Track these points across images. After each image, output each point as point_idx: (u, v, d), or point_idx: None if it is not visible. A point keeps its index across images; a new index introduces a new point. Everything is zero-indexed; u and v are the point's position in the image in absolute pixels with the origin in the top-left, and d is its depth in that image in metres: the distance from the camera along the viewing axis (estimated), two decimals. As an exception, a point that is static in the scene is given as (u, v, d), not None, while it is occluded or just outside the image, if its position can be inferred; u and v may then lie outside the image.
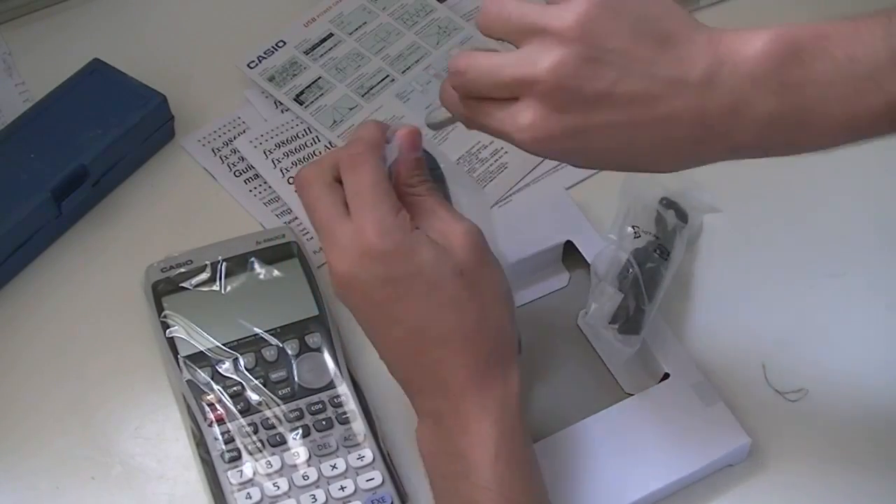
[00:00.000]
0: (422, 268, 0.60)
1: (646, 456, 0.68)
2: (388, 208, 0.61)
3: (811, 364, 0.74)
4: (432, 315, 0.61)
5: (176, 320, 0.72)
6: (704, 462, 0.68)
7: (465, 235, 0.62)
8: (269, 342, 0.71)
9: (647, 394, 0.71)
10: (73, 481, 0.70)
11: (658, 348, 0.72)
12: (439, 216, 0.63)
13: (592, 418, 0.69)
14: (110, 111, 0.81)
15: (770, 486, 0.70)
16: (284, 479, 0.67)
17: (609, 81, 0.57)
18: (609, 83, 0.57)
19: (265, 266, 0.74)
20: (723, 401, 0.70)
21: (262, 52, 0.89)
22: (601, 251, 0.74)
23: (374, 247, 0.60)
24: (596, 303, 0.72)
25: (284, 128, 0.86)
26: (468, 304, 0.61)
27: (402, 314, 0.61)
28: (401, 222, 0.61)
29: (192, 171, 0.84)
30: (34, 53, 0.90)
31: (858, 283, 0.78)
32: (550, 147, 0.59)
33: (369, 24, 0.91)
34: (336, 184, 0.63)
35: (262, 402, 0.69)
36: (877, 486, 0.70)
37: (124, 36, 0.91)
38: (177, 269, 0.74)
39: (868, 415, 0.73)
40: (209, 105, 0.87)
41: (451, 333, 0.61)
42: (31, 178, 0.77)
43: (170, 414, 0.72)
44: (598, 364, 0.74)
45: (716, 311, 0.77)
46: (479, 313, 0.61)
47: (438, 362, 0.61)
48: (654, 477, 0.67)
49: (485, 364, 0.61)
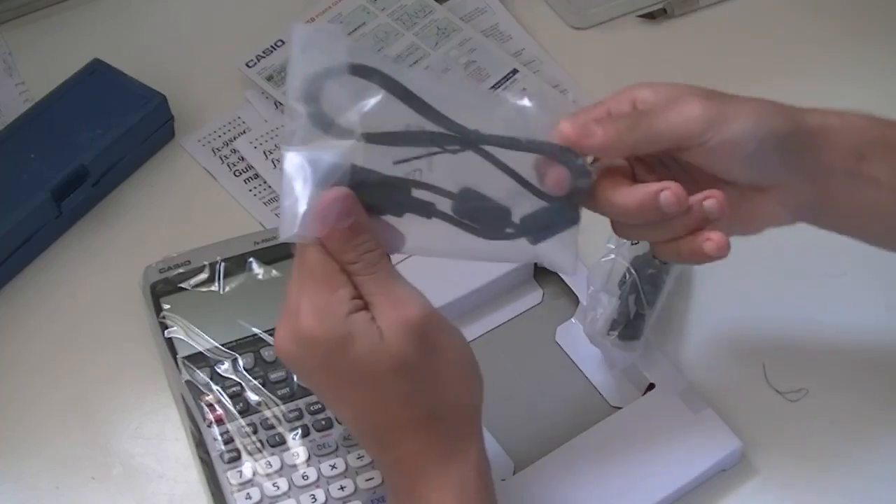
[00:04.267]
0: (357, 361, 0.55)
1: (638, 471, 0.68)
2: (325, 289, 0.55)
3: (811, 364, 0.74)
4: (377, 406, 0.57)
5: (175, 321, 0.72)
6: (697, 471, 0.68)
7: (405, 325, 0.55)
8: (267, 342, 0.71)
9: (633, 406, 0.71)
10: (73, 481, 0.70)
11: (641, 359, 0.72)
12: (383, 297, 0.56)
13: (580, 437, 0.69)
14: (110, 111, 0.81)
15: (770, 487, 0.70)
16: (284, 479, 0.67)
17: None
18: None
19: (264, 266, 0.74)
20: (710, 407, 0.70)
21: (261, 51, 0.89)
22: (597, 261, 0.74)
23: (307, 331, 0.55)
24: (593, 312, 0.72)
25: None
26: (414, 397, 0.57)
27: (347, 399, 0.58)
28: (335, 305, 0.55)
29: (191, 171, 0.84)
30: (34, 53, 0.90)
31: (858, 283, 0.78)
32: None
33: (368, 24, 0.91)
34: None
35: (262, 402, 0.69)
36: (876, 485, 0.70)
37: (124, 36, 0.91)
38: (175, 270, 0.74)
39: (868, 415, 0.73)
40: (209, 105, 0.87)
41: (399, 423, 0.57)
42: (31, 178, 0.78)
43: (170, 414, 0.72)
44: (581, 379, 0.73)
45: (716, 311, 0.77)
46: (429, 401, 0.57)
47: (387, 446, 0.58)
48: (649, 492, 0.67)
49: (441, 445, 0.58)
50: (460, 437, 0.58)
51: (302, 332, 0.56)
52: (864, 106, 0.88)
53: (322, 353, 0.56)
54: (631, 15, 0.94)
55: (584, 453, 0.68)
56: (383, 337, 0.55)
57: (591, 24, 0.94)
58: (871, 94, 0.89)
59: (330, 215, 0.55)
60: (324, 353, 0.56)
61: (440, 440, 0.58)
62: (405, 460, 0.58)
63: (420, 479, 0.58)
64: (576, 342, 0.74)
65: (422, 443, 0.57)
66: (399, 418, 0.57)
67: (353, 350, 0.55)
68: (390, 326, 0.55)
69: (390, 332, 0.55)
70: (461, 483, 0.57)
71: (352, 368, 0.56)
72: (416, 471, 0.58)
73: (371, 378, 0.56)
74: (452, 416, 0.58)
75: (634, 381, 0.72)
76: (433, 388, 0.57)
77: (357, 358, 0.55)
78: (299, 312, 0.56)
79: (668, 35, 0.93)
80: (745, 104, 0.61)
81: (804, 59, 0.92)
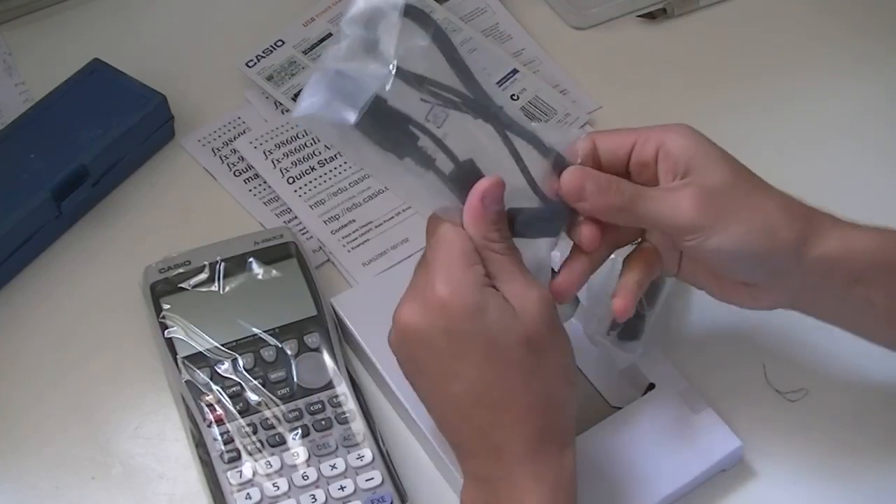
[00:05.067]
0: (488, 328, 0.58)
1: (639, 471, 0.68)
2: (461, 263, 0.58)
3: (811, 364, 0.74)
4: (496, 377, 0.58)
5: (174, 321, 0.72)
6: (697, 471, 0.68)
7: (539, 303, 0.59)
8: (267, 342, 0.71)
9: (634, 406, 0.70)
10: (73, 481, 0.70)
11: (641, 359, 0.72)
12: (515, 278, 0.60)
13: (580, 438, 0.68)
14: (110, 111, 0.81)
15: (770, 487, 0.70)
16: (284, 479, 0.67)
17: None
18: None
19: (263, 266, 0.74)
20: (710, 407, 0.70)
21: (261, 51, 0.89)
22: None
23: (440, 299, 0.58)
24: (593, 312, 0.72)
25: (284, 128, 0.86)
26: (534, 372, 0.59)
27: (463, 370, 0.58)
28: (472, 277, 0.58)
29: (191, 171, 0.84)
30: (34, 53, 0.90)
31: (858, 283, 0.78)
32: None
33: (369, 23, 0.91)
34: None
35: (262, 402, 0.69)
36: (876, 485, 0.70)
37: (124, 36, 0.91)
38: (175, 270, 0.74)
39: (868, 414, 0.73)
40: (209, 105, 0.87)
41: (512, 400, 0.58)
42: (31, 178, 0.78)
43: (170, 414, 0.72)
44: (581, 380, 0.73)
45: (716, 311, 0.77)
46: (544, 384, 0.59)
47: (495, 427, 0.59)
48: (649, 492, 0.67)
49: (542, 437, 0.59)
50: (558, 438, 0.60)
51: (434, 300, 0.58)
52: (865, 103, 0.88)
53: (451, 319, 0.58)
54: (631, 15, 0.94)
55: (584, 454, 0.68)
56: (518, 309, 0.58)
57: (591, 24, 0.94)
58: (872, 92, 0.89)
59: (495, 196, 0.59)
60: (453, 318, 0.58)
61: (543, 431, 0.59)
62: (505, 448, 0.59)
63: (517, 468, 0.58)
64: (576, 342, 0.73)
65: (527, 428, 0.58)
66: (513, 396, 0.58)
67: (486, 319, 0.58)
68: (524, 303, 0.58)
69: (523, 308, 0.58)
70: (556, 479, 0.59)
71: (479, 335, 0.58)
72: (515, 459, 0.58)
73: (498, 346, 0.58)
74: (555, 409, 0.60)
75: (634, 381, 0.72)
76: (548, 371, 0.59)
77: (489, 324, 0.58)
78: (433, 284, 0.58)
79: (668, 35, 0.93)
80: (748, 211, 0.61)
81: (805, 58, 0.92)
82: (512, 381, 0.58)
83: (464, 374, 0.58)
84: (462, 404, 0.59)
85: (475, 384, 0.58)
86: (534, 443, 0.59)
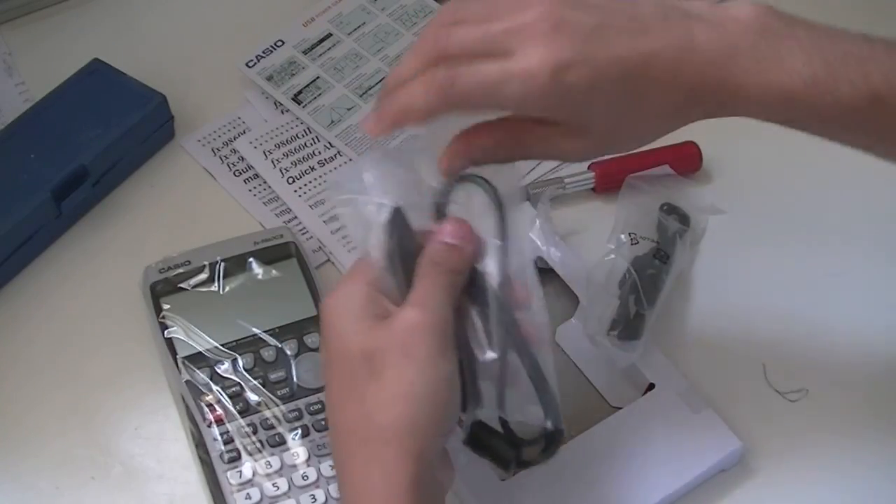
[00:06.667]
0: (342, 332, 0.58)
1: (638, 471, 0.68)
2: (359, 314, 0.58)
3: (811, 364, 0.74)
4: (333, 376, 0.59)
5: (174, 321, 0.72)
6: (697, 471, 0.68)
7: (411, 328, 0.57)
8: (267, 342, 0.71)
9: (634, 406, 0.70)
10: (73, 481, 0.70)
11: (641, 359, 0.72)
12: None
13: (580, 437, 0.69)
14: (110, 111, 0.81)
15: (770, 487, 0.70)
16: (284, 479, 0.67)
17: (598, 18, 0.57)
18: (598, 19, 0.57)
19: (263, 266, 0.74)
20: (710, 407, 0.70)
21: (261, 51, 0.89)
22: (597, 261, 0.74)
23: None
24: (592, 312, 0.72)
25: (284, 128, 0.86)
26: (364, 386, 0.56)
27: (327, 376, 0.59)
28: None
29: (191, 171, 0.84)
30: (34, 53, 0.90)
31: (858, 283, 0.78)
32: (565, 80, 0.55)
33: (368, 24, 0.91)
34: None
35: (261, 402, 0.69)
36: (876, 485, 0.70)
37: (124, 36, 0.91)
38: (175, 270, 0.74)
39: (868, 414, 0.73)
40: (209, 105, 0.87)
41: (340, 404, 0.58)
42: (31, 178, 0.78)
43: (170, 414, 0.72)
44: (581, 380, 0.73)
45: (716, 311, 0.77)
46: (372, 401, 0.56)
47: (333, 424, 0.59)
48: (649, 492, 0.67)
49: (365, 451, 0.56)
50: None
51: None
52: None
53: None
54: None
55: (584, 453, 0.68)
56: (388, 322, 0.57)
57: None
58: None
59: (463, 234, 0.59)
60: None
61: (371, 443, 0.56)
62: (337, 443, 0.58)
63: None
64: (576, 342, 0.74)
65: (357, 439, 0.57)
66: (346, 405, 0.57)
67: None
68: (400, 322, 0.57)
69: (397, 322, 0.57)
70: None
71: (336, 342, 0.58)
72: (351, 452, 0.57)
73: (343, 351, 0.58)
74: (389, 438, 0.56)
75: (634, 381, 0.72)
76: (385, 397, 0.56)
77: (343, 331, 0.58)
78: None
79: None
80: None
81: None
82: (340, 387, 0.58)
83: (327, 377, 0.59)
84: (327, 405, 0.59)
85: (328, 386, 0.59)
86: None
